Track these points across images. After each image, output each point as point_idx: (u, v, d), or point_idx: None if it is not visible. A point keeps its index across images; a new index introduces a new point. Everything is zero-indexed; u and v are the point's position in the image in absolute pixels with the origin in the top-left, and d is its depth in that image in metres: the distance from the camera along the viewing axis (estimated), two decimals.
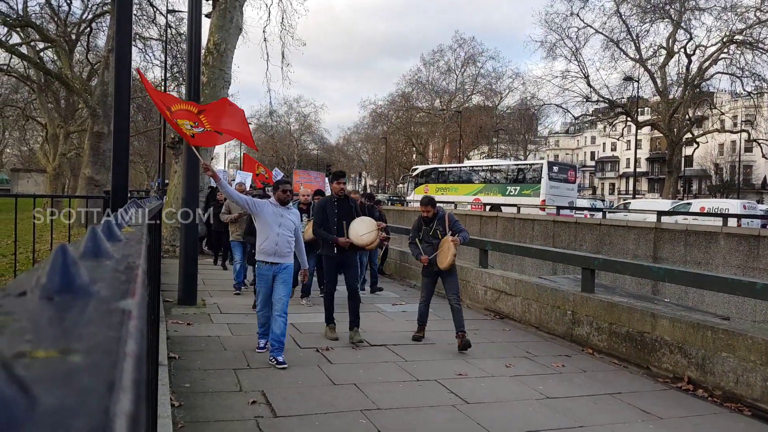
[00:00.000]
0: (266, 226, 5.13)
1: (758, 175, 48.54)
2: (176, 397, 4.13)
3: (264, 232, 5.15)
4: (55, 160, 26.66)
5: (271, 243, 5.12)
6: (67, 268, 0.54)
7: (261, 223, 5.17)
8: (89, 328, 0.43)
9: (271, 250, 5.13)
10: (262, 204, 5.20)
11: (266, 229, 5.13)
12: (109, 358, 0.36)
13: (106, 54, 18.19)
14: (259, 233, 5.20)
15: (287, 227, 5.20)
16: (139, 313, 0.48)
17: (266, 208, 5.17)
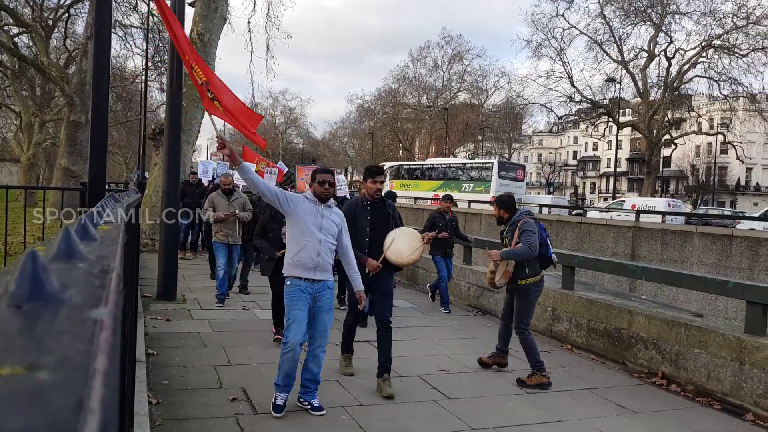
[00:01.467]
0: (303, 229, 3.89)
1: (732, 177, 49.67)
2: (154, 394, 4.07)
3: (300, 237, 3.89)
4: (30, 150, 26.06)
5: (311, 253, 3.87)
6: (37, 274, 0.52)
7: (295, 226, 3.93)
8: (59, 340, 0.42)
9: (312, 263, 3.87)
10: (296, 200, 3.95)
11: (303, 233, 3.89)
12: (78, 374, 0.35)
13: (85, 41, 17.81)
14: (293, 239, 3.94)
15: (330, 232, 3.97)
16: (113, 323, 0.47)
17: (302, 205, 3.93)
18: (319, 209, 3.98)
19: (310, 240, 3.89)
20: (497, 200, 5.40)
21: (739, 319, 9.73)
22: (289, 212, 3.94)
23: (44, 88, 26.31)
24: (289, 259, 3.95)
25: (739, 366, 4.77)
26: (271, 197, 3.88)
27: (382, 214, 4.73)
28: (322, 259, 3.92)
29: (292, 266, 3.94)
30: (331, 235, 3.99)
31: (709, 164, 46.73)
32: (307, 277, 3.91)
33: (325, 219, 3.98)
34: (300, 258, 3.89)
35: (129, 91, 30.64)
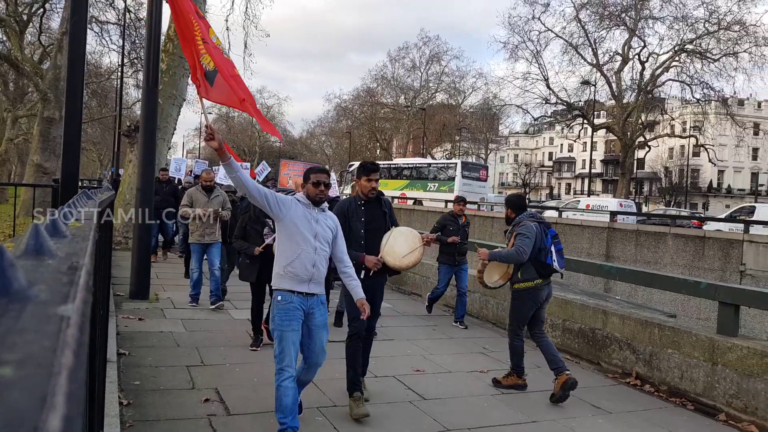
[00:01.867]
0: (296, 236, 3.45)
1: (705, 179, 50.97)
2: (125, 395, 4.01)
3: (292, 245, 3.45)
4: (2, 146, 25.34)
5: (305, 263, 3.44)
6: (4, 270, 0.51)
7: (287, 233, 3.48)
8: (24, 336, 0.41)
9: (306, 274, 3.44)
10: (288, 203, 3.49)
11: (296, 241, 3.45)
12: (43, 371, 0.35)
13: (60, 37, 17.40)
14: (284, 247, 3.49)
15: (325, 239, 3.54)
16: (80, 320, 0.46)
17: (295, 209, 3.49)
18: (312, 213, 3.53)
19: (305, 248, 3.44)
20: (506, 200, 5.19)
21: (712, 319, 9.99)
22: (279, 217, 3.47)
23: (18, 83, 25.66)
24: (279, 269, 3.47)
25: (711, 366, 4.86)
26: (260, 199, 3.39)
27: (377, 214, 4.31)
28: (317, 269, 3.48)
29: (283, 278, 3.45)
30: (326, 242, 3.56)
31: (682, 166, 47.86)
32: (301, 290, 3.45)
33: (320, 224, 3.54)
34: (293, 269, 3.43)
35: (104, 87, 30.06)
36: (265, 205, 3.42)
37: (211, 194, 7.08)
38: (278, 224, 3.53)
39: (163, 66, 10.66)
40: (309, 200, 3.55)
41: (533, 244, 4.71)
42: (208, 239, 6.97)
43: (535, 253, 4.74)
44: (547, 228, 4.87)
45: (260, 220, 5.44)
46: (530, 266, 4.78)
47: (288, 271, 3.45)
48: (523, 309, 4.92)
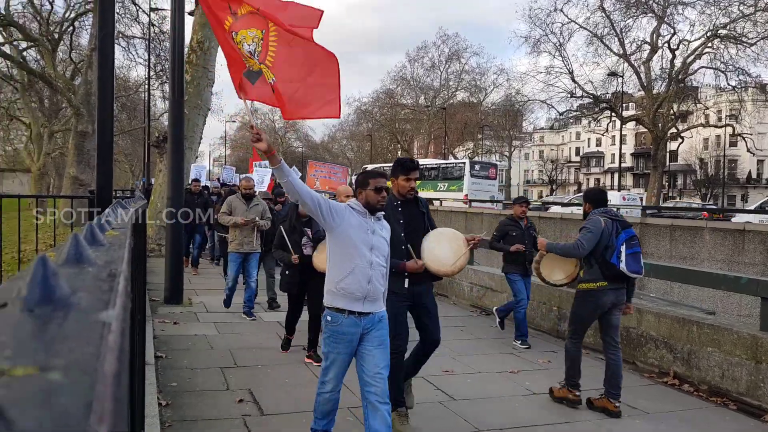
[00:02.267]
0: (350, 249, 3.13)
1: (743, 170, 49.20)
2: (163, 396, 4.11)
3: (345, 260, 3.13)
4: (40, 160, 26.31)
5: (361, 279, 3.12)
6: (48, 279, 0.53)
7: (340, 245, 3.15)
8: (69, 342, 0.43)
9: (361, 292, 3.12)
10: (342, 211, 3.16)
11: (350, 254, 3.13)
12: (87, 376, 0.36)
13: (89, 53, 17.95)
14: (336, 262, 3.18)
15: (381, 252, 3.23)
16: (120, 326, 0.48)
17: (349, 218, 3.16)
18: (369, 223, 3.19)
19: (359, 263, 3.11)
20: (585, 194, 4.83)
21: (754, 316, 9.65)
22: (332, 227, 3.12)
23: (52, 99, 26.56)
24: (332, 286, 3.16)
25: (755, 365, 4.68)
26: (313, 206, 3.07)
27: (416, 215, 3.91)
28: (373, 286, 3.14)
29: (335, 296, 3.15)
30: (383, 256, 3.22)
31: (718, 157, 46.29)
32: (354, 309, 3.13)
33: (376, 236, 3.20)
34: (346, 286, 3.11)
35: (133, 100, 30.86)
36: (318, 214, 3.09)
37: (251, 203, 6.93)
38: (330, 235, 3.18)
39: (187, 77, 10.90)
40: (367, 208, 3.20)
41: (597, 240, 4.32)
42: (247, 248, 6.82)
43: (601, 251, 4.34)
44: (622, 226, 4.43)
45: (299, 230, 5.29)
46: (595, 265, 4.39)
47: (340, 288, 3.12)
48: (583, 312, 4.47)
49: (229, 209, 6.88)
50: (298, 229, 5.29)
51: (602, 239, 4.35)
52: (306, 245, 5.28)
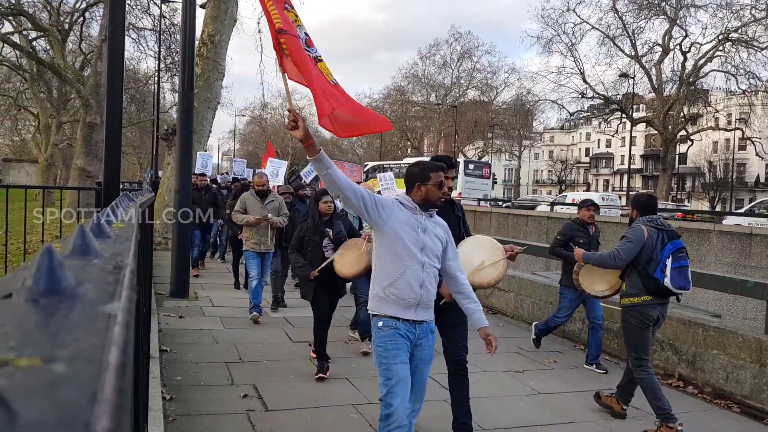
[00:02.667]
0: (400, 249, 2.81)
1: (751, 174, 48.87)
2: (168, 390, 4.12)
3: (395, 261, 2.82)
4: (47, 151, 26.47)
5: (412, 283, 2.81)
6: (53, 269, 0.53)
7: (388, 244, 2.83)
8: (74, 333, 0.42)
9: (413, 297, 2.82)
10: (389, 206, 2.84)
11: (400, 255, 2.81)
12: (92, 367, 0.36)
13: (99, 44, 18.02)
14: (384, 263, 2.86)
15: (434, 252, 2.90)
16: (126, 318, 0.47)
17: (398, 214, 2.83)
18: (420, 220, 2.86)
19: (410, 264, 2.80)
20: (633, 199, 4.50)
21: (759, 319, 9.58)
22: (379, 224, 2.80)
23: (61, 90, 26.68)
24: (380, 291, 2.85)
25: (759, 368, 4.68)
26: (356, 201, 2.73)
27: (450, 219, 3.41)
28: (426, 291, 2.84)
29: (384, 301, 2.84)
30: (436, 257, 2.89)
31: (727, 161, 46.01)
32: (407, 317, 2.82)
33: (428, 234, 2.87)
34: (397, 291, 2.80)
35: (142, 92, 30.98)
36: (362, 209, 2.76)
37: (265, 200, 6.64)
38: (377, 233, 2.86)
39: (197, 70, 10.92)
40: (421, 203, 2.87)
41: (637, 251, 4.02)
42: (263, 248, 6.56)
43: (643, 264, 4.03)
44: (669, 237, 4.06)
45: (320, 230, 4.87)
46: (636, 278, 4.08)
47: (390, 293, 2.81)
48: (634, 331, 4.09)
49: (243, 207, 6.60)
50: (320, 230, 4.88)
51: (644, 251, 4.03)
52: (327, 247, 4.86)
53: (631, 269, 4.13)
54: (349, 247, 4.78)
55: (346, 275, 4.68)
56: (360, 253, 4.64)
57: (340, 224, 5.04)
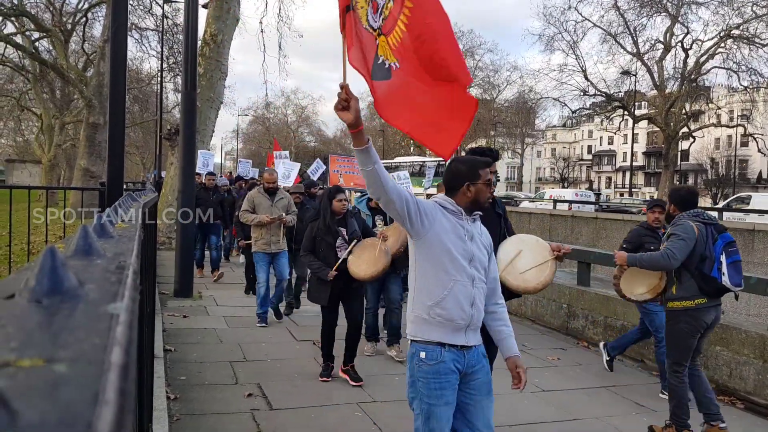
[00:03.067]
0: (445, 260, 2.37)
1: (754, 170, 48.71)
2: (172, 389, 4.13)
3: (438, 275, 2.38)
4: (51, 151, 26.52)
5: (462, 301, 2.37)
6: (56, 270, 0.53)
7: (430, 254, 2.39)
8: (76, 334, 0.42)
9: (462, 318, 2.38)
10: (432, 211, 2.40)
11: (445, 268, 2.37)
12: (94, 367, 0.36)
13: (102, 44, 18.06)
14: (426, 278, 2.41)
15: (482, 264, 2.47)
16: (129, 318, 0.47)
17: (441, 220, 2.40)
18: (465, 226, 2.41)
19: (459, 279, 2.35)
20: (672, 192, 4.12)
21: (763, 316, 9.55)
22: (420, 233, 2.36)
23: (64, 90, 26.75)
24: (421, 311, 2.38)
25: (763, 364, 4.68)
26: (399, 205, 2.29)
27: (492, 218, 3.07)
28: (477, 310, 2.40)
29: (428, 324, 2.36)
30: (484, 269, 2.46)
31: (729, 157, 45.89)
32: (455, 342, 2.36)
33: (476, 243, 2.43)
34: (443, 311, 2.34)
35: (145, 92, 31.04)
36: (404, 215, 2.32)
37: (275, 198, 6.35)
38: (417, 243, 2.39)
39: (200, 70, 10.93)
40: (467, 206, 2.43)
41: (690, 249, 3.69)
42: (275, 248, 6.24)
43: (696, 263, 3.72)
44: (718, 232, 3.78)
45: (332, 230, 4.58)
46: (690, 280, 3.74)
47: (436, 314, 2.35)
48: (681, 336, 3.80)
49: (251, 206, 6.23)
50: (333, 230, 4.57)
51: (697, 248, 3.71)
52: (341, 248, 4.59)
53: (679, 270, 3.77)
54: (365, 247, 4.53)
55: (363, 277, 4.43)
56: (377, 254, 4.37)
57: (354, 223, 4.75)
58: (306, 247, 4.69)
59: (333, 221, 4.60)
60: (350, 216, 4.78)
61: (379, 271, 4.36)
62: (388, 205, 2.34)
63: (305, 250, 4.69)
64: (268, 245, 6.20)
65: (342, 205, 4.61)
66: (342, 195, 4.63)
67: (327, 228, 4.59)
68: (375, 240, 4.52)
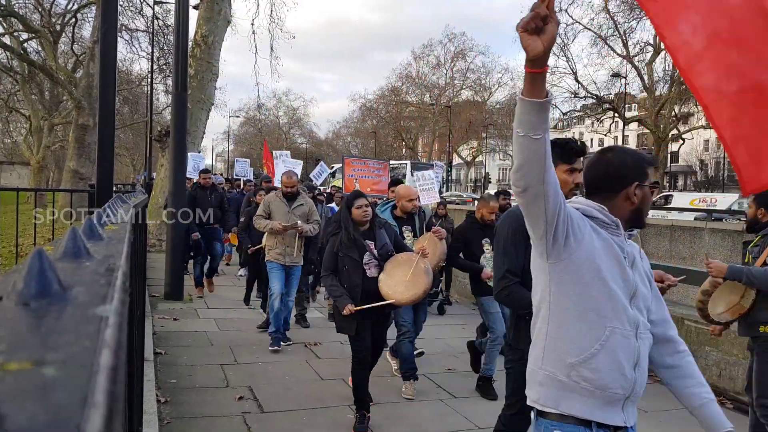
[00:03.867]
0: (599, 296, 1.61)
1: None
2: (162, 392, 4.10)
3: (586, 317, 1.61)
4: (40, 153, 26.29)
5: (621, 358, 1.62)
6: (44, 272, 0.53)
7: (574, 284, 1.62)
8: (65, 336, 0.42)
9: (622, 386, 1.65)
10: (581, 223, 1.62)
11: (598, 307, 1.61)
12: (83, 370, 0.35)
13: (92, 45, 17.94)
14: (562, 320, 1.64)
15: (645, 302, 1.71)
16: (118, 320, 0.47)
17: (590, 234, 1.63)
18: (624, 246, 1.69)
19: (617, 327, 1.62)
20: (757, 196, 3.41)
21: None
22: (561, 252, 1.62)
23: (53, 92, 26.52)
24: (558, 370, 1.65)
25: None
26: (553, 204, 1.55)
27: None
28: (641, 371, 1.69)
29: (568, 392, 1.64)
30: (647, 310, 1.73)
31: (718, 159, 46.42)
32: (609, 421, 1.66)
33: (638, 271, 1.71)
34: (593, 373, 1.62)
35: (135, 93, 30.85)
36: (552, 222, 1.56)
37: (293, 203, 5.62)
38: (553, 266, 1.64)
39: (191, 71, 10.88)
40: (619, 217, 1.69)
41: None
42: (288, 260, 5.52)
43: None
44: None
45: (358, 243, 3.82)
46: None
47: (582, 377, 1.62)
48: None
49: (266, 211, 5.57)
50: (359, 243, 3.82)
51: None
52: (369, 264, 3.83)
53: None
54: (399, 264, 3.80)
55: (400, 301, 3.72)
56: (414, 272, 3.69)
57: (384, 235, 3.94)
58: (327, 265, 3.89)
59: (357, 233, 3.85)
60: (379, 227, 3.97)
61: (419, 294, 3.70)
62: (536, 201, 1.54)
63: (326, 269, 3.90)
64: (282, 256, 5.50)
65: (363, 213, 3.83)
66: (362, 201, 3.87)
67: (351, 241, 3.80)
68: (411, 255, 3.84)
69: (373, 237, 3.91)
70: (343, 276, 3.80)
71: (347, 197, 4.05)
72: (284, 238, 5.49)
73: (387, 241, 3.95)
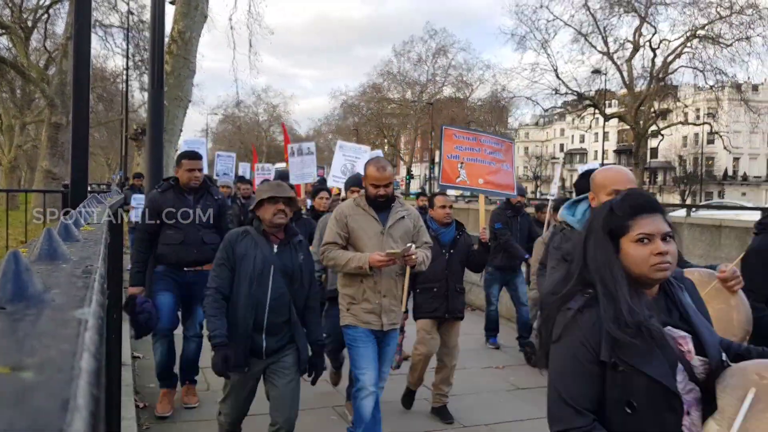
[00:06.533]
0: None
1: (720, 167, 50.42)
2: (141, 397, 4.05)
3: None
4: (11, 153, 25.64)
5: None
6: (20, 275, 0.51)
7: None
8: (43, 340, 0.41)
9: None
10: None
11: None
12: (62, 374, 0.35)
13: (65, 42, 17.55)
14: None
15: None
16: (97, 323, 0.46)
17: None
18: None
19: None
20: None
21: None
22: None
23: (24, 90, 25.89)
24: None
25: None
26: None
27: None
28: None
29: None
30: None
31: (697, 155, 47.41)
32: None
33: None
34: None
35: (110, 91, 30.30)
36: None
37: (388, 213, 3.12)
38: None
39: (167, 68, 10.71)
40: None
41: None
42: (388, 321, 3.27)
43: None
44: None
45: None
46: None
47: None
48: None
49: (342, 232, 3.22)
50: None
51: None
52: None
53: None
54: None
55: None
56: None
57: None
58: None
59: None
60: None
61: None
62: None
63: None
64: (376, 314, 3.19)
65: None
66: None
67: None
68: None
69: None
70: None
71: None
72: (381, 278, 3.17)
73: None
